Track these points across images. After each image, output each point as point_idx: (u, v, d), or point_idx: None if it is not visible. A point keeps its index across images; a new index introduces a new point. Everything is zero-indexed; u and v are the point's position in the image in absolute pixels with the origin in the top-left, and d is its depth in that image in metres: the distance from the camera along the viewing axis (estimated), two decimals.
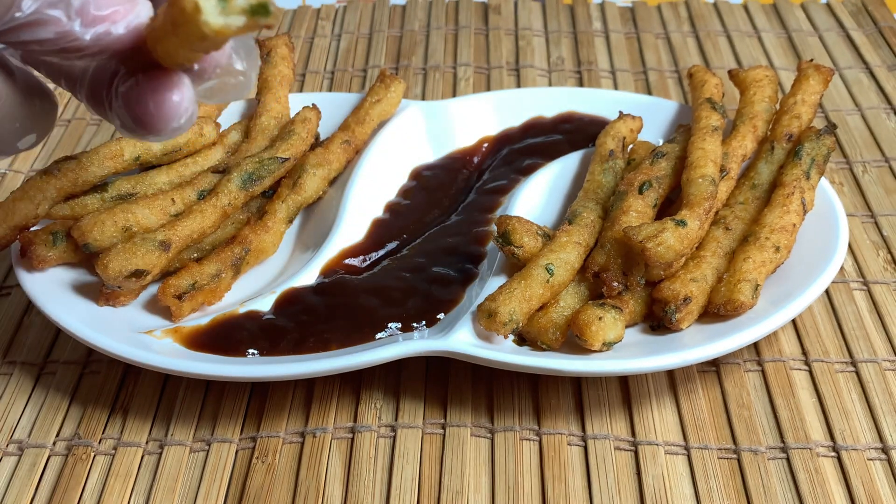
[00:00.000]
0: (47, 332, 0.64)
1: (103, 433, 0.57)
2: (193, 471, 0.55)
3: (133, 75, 0.37)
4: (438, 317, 0.61)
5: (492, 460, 0.55)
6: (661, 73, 0.89)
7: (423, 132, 0.76)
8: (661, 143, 0.71)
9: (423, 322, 0.60)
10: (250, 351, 0.58)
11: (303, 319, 0.60)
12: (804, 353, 0.61)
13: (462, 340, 0.56)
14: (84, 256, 0.62)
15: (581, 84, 0.88)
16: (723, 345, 0.55)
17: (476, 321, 0.57)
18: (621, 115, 0.71)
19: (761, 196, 0.64)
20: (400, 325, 0.60)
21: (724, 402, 0.58)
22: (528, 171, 0.72)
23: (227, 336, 0.59)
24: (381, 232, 0.68)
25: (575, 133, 0.75)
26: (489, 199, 0.70)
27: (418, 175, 0.74)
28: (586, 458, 0.55)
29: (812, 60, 0.71)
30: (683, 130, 0.69)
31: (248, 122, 0.73)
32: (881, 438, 0.55)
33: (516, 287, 0.57)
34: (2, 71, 0.38)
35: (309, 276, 0.63)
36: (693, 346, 0.55)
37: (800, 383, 0.59)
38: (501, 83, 0.88)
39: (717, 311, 0.58)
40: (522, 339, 0.58)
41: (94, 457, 0.56)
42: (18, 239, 0.61)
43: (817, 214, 0.63)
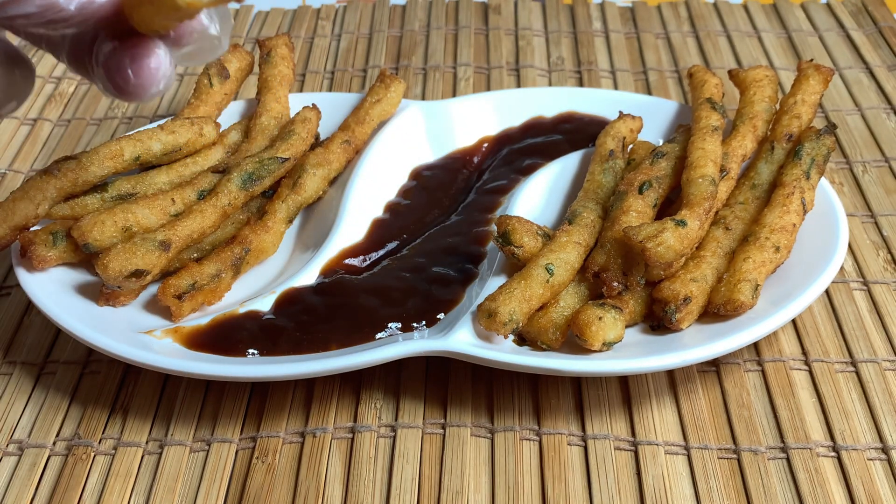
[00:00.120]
0: (47, 332, 0.64)
1: (103, 433, 0.57)
2: (193, 471, 0.55)
3: (112, 40, 0.39)
4: (438, 317, 0.61)
5: (492, 460, 0.55)
6: (661, 73, 0.89)
7: (423, 132, 0.76)
8: (661, 143, 0.71)
9: (423, 322, 0.60)
10: (250, 351, 0.58)
11: (303, 319, 0.60)
12: (804, 353, 0.61)
13: (462, 340, 0.56)
14: (84, 256, 0.62)
15: (581, 84, 0.88)
16: (723, 345, 0.55)
17: (476, 321, 0.57)
18: (621, 115, 0.71)
19: (761, 196, 0.64)
20: (400, 325, 0.60)
21: (724, 402, 0.58)
22: (528, 171, 0.72)
23: (227, 336, 0.59)
24: (381, 232, 0.68)
25: (575, 133, 0.75)
26: (489, 199, 0.70)
27: (418, 175, 0.74)
28: (586, 458, 0.55)
29: (812, 60, 0.71)
30: (683, 130, 0.69)
31: (248, 122, 0.72)
32: (881, 438, 0.55)
33: (516, 287, 0.57)
34: None
35: (309, 276, 0.63)
36: (693, 346, 0.55)
37: (800, 383, 0.59)
38: (501, 83, 0.88)
39: (717, 311, 0.58)
40: (522, 339, 0.58)
41: (94, 457, 0.56)
42: (18, 239, 0.61)
43: (817, 214, 0.63)
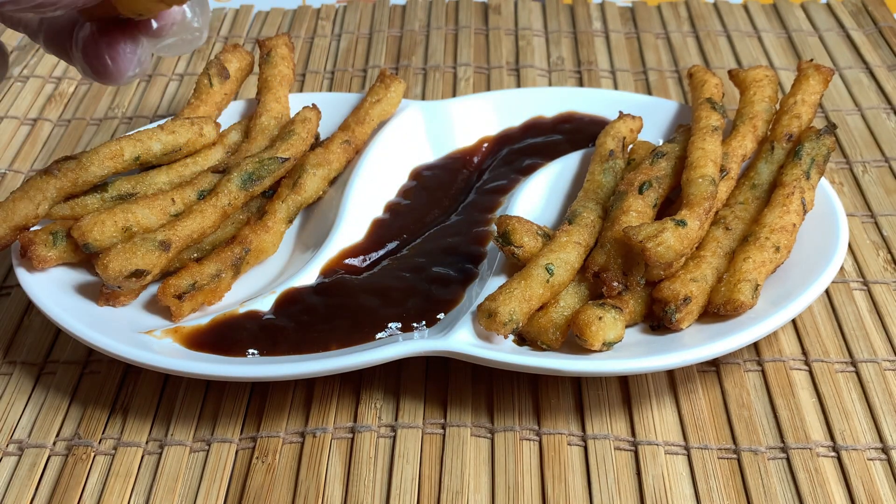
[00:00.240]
0: (47, 332, 0.64)
1: (103, 433, 0.57)
2: (193, 471, 0.55)
3: (91, 25, 0.40)
4: (438, 317, 0.61)
5: (492, 460, 0.55)
6: (661, 73, 0.89)
7: (423, 132, 0.76)
8: (661, 143, 0.71)
9: (423, 322, 0.60)
10: (250, 351, 0.58)
11: (303, 319, 0.60)
12: (804, 353, 0.61)
13: (462, 340, 0.56)
14: (84, 256, 0.62)
15: (581, 84, 0.88)
16: (723, 345, 0.55)
17: (476, 321, 0.57)
18: (621, 115, 0.71)
19: (761, 196, 0.64)
20: (400, 325, 0.60)
21: (724, 402, 0.58)
22: (528, 171, 0.72)
23: (227, 336, 0.59)
24: (381, 232, 0.68)
25: (575, 133, 0.75)
26: (489, 199, 0.70)
27: (418, 175, 0.74)
28: (586, 458, 0.55)
29: (812, 60, 0.71)
30: (683, 130, 0.69)
31: (248, 122, 0.72)
32: (881, 438, 0.55)
33: (516, 287, 0.57)
34: None
35: (309, 276, 0.63)
36: (693, 346, 0.55)
37: (800, 383, 0.59)
38: (501, 83, 0.88)
39: (717, 311, 0.58)
40: (522, 339, 0.58)
41: (94, 457, 0.56)
42: (18, 239, 0.61)
43: (817, 214, 0.63)
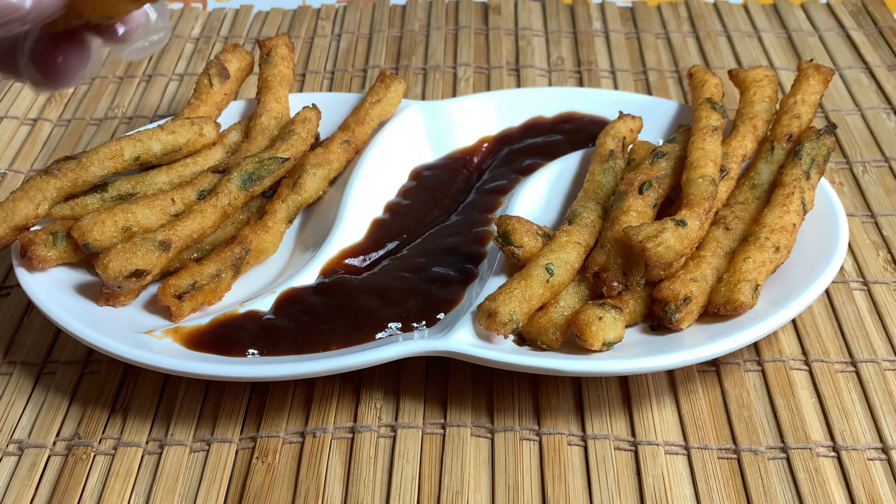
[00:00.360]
0: (47, 332, 0.64)
1: (103, 433, 0.57)
2: (193, 471, 0.55)
3: (38, 31, 0.41)
4: (438, 317, 0.61)
5: (492, 460, 0.55)
6: (661, 73, 0.89)
7: (423, 132, 0.76)
8: (661, 143, 0.71)
9: (423, 322, 0.60)
10: (250, 351, 0.58)
11: (303, 319, 0.60)
12: (804, 353, 0.61)
13: (462, 340, 0.56)
14: (84, 256, 0.62)
15: (581, 84, 0.88)
16: (723, 345, 0.55)
17: (476, 321, 0.57)
18: (621, 115, 0.71)
19: (761, 196, 0.64)
20: (400, 325, 0.60)
21: (724, 402, 0.58)
22: (528, 171, 0.72)
23: (227, 336, 0.59)
24: (381, 232, 0.68)
25: (575, 133, 0.75)
26: (489, 199, 0.70)
27: (418, 175, 0.74)
28: (586, 458, 0.55)
29: (812, 60, 0.71)
30: (683, 130, 0.69)
31: (248, 122, 0.72)
32: (881, 438, 0.55)
33: (516, 287, 0.57)
34: None
35: (309, 276, 0.63)
36: (693, 346, 0.55)
37: (800, 383, 0.59)
38: (501, 83, 0.88)
39: (717, 311, 0.58)
40: (522, 339, 0.58)
41: (94, 457, 0.56)
42: (18, 239, 0.61)
43: (817, 214, 0.63)
